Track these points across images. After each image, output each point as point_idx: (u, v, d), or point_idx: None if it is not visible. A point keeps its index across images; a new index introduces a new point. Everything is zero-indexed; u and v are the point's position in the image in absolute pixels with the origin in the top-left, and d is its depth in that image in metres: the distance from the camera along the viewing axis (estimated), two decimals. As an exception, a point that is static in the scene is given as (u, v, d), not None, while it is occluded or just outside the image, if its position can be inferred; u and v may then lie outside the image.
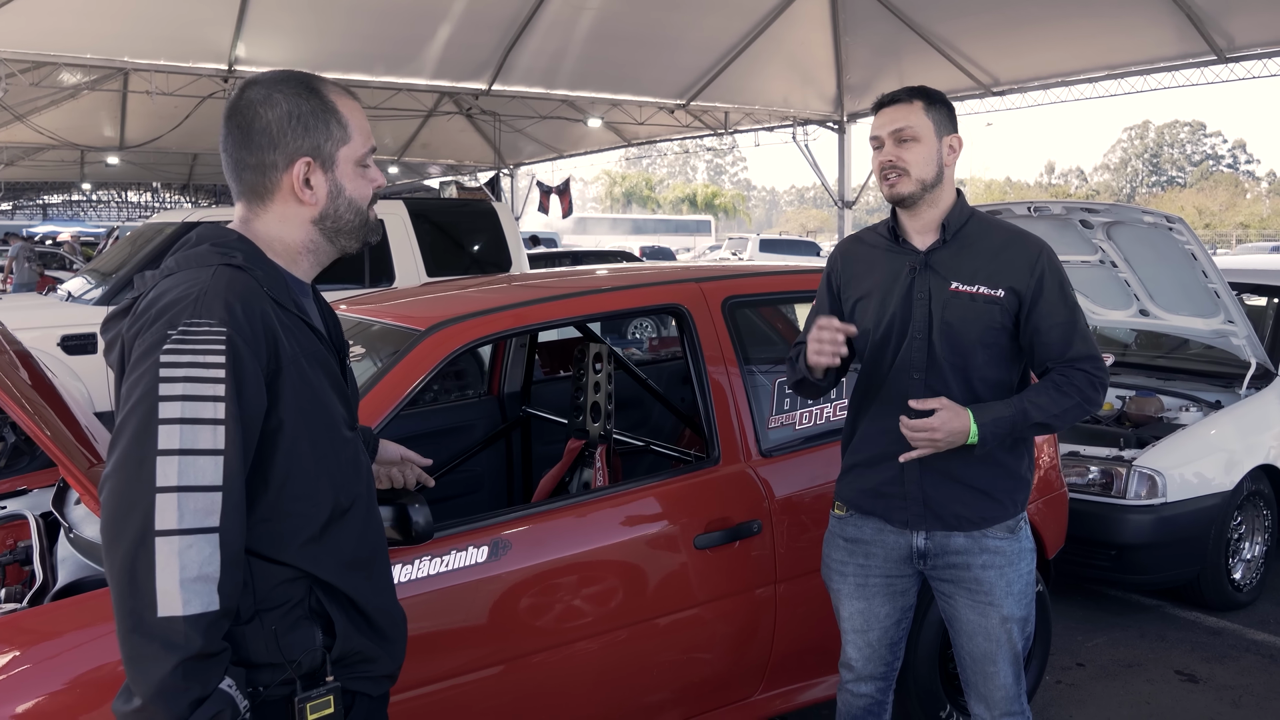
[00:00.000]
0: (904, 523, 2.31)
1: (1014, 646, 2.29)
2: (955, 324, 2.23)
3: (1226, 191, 60.70)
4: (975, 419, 2.14)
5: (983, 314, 2.22)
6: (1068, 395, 2.18)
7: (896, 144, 2.23)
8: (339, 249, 1.58)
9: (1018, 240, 2.28)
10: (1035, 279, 2.22)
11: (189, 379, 1.31)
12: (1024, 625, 2.31)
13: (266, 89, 1.49)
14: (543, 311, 2.74)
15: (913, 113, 2.23)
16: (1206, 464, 4.23)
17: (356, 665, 1.51)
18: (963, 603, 2.30)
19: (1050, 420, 2.19)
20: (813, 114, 15.01)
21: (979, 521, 2.26)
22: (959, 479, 2.25)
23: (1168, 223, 4.27)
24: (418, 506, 1.94)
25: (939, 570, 2.32)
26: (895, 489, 2.30)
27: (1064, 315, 2.23)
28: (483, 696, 2.33)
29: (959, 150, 2.29)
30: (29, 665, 1.89)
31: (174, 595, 1.27)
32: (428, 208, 8.87)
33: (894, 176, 2.24)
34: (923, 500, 2.27)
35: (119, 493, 1.30)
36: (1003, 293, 2.22)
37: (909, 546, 2.32)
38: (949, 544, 2.28)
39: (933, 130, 2.23)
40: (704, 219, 51.21)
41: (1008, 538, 2.28)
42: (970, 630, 2.31)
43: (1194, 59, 10.93)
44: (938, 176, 2.25)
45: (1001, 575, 2.27)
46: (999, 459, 2.26)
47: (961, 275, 2.24)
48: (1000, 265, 2.24)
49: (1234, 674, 3.76)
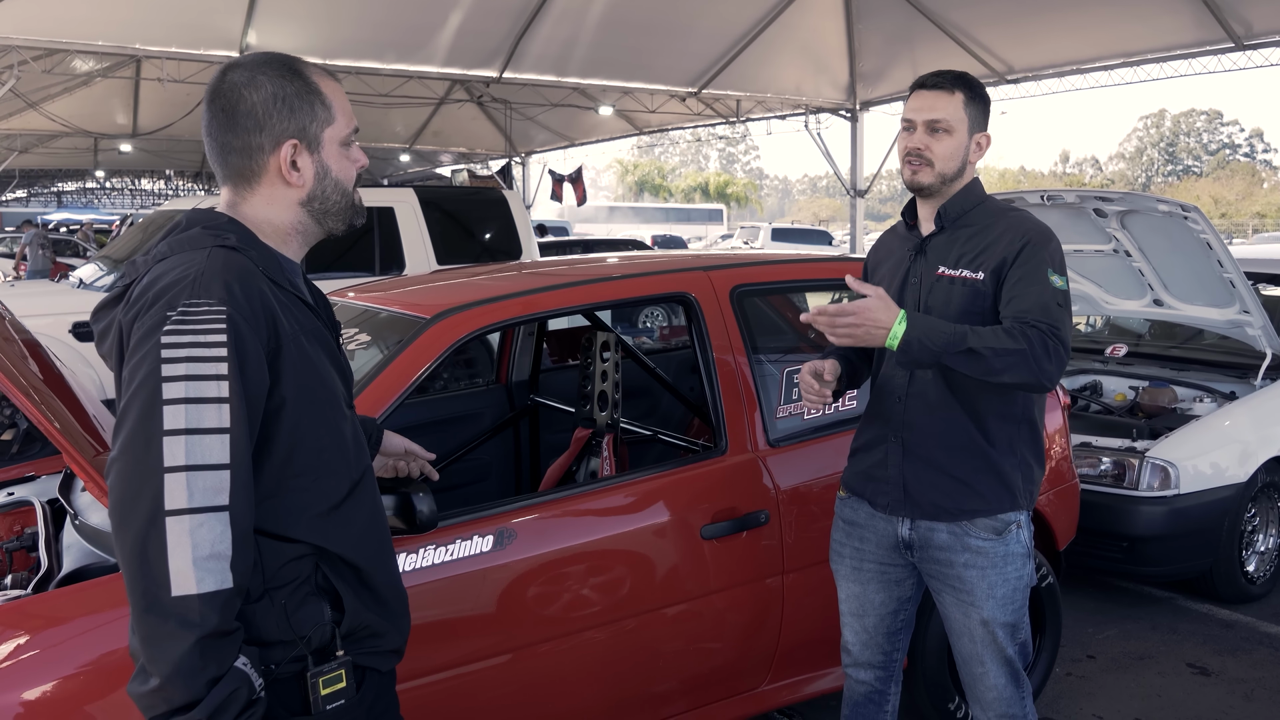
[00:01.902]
0: (886, 507, 2.29)
1: (1001, 650, 2.24)
2: (935, 309, 2.19)
3: (1243, 181, 60.22)
4: (906, 320, 1.96)
5: (960, 297, 2.17)
6: (1015, 340, 1.99)
7: (929, 132, 2.19)
8: (326, 230, 1.58)
9: (1012, 225, 2.19)
10: (1012, 257, 2.13)
11: (191, 359, 1.31)
12: (1012, 631, 2.24)
13: (250, 71, 1.49)
14: (550, 299, 2.72)
15: (952, 104, 2.18)
16: (1220, 455, 4.19)
17: (365, 640, 1.51)
18: (949, 600, 2.28)
19: (986, 353, 1.97)
20: (825, 102, 14.94)
21: (956, 513, 2.21)
22: (938, 466, 2.22)
23: (1183, 211, 4.22)
24: (422, 495, 1.94)
25: (926, 565, 2.30)
26: (881, 472, 2.30)
27: (1036, 289, 2.08)
28: (489, 685, 2.32)
29: (985, 149, 2.24)
30: (36, 651, 1.89)
31: (188, 574, 1.27)
32: (438, 196, 8.86)
33: (917, 163, 2.20)
34: (902, 485, 2.26)
35: (127, 475, 1.30)
36: (983, 275, 2.16)
37: (895, 535, 2.30)
38: (932, 538, 2.25)
39: (966, 125, 2.19)
40: (716, 208, 51.07)
41: (992, 539, 2.21)
42: (956, 629, 2.29)
43: (1211, 46, 10.81)
44: (959, 171, 2.21)
45: (983, 577, 2.21)
46: (982, 449, 2.20)
47: (949, 260, 2.21)
48: (985, 248, 2.18)
49: (1246, 667, 3.74)
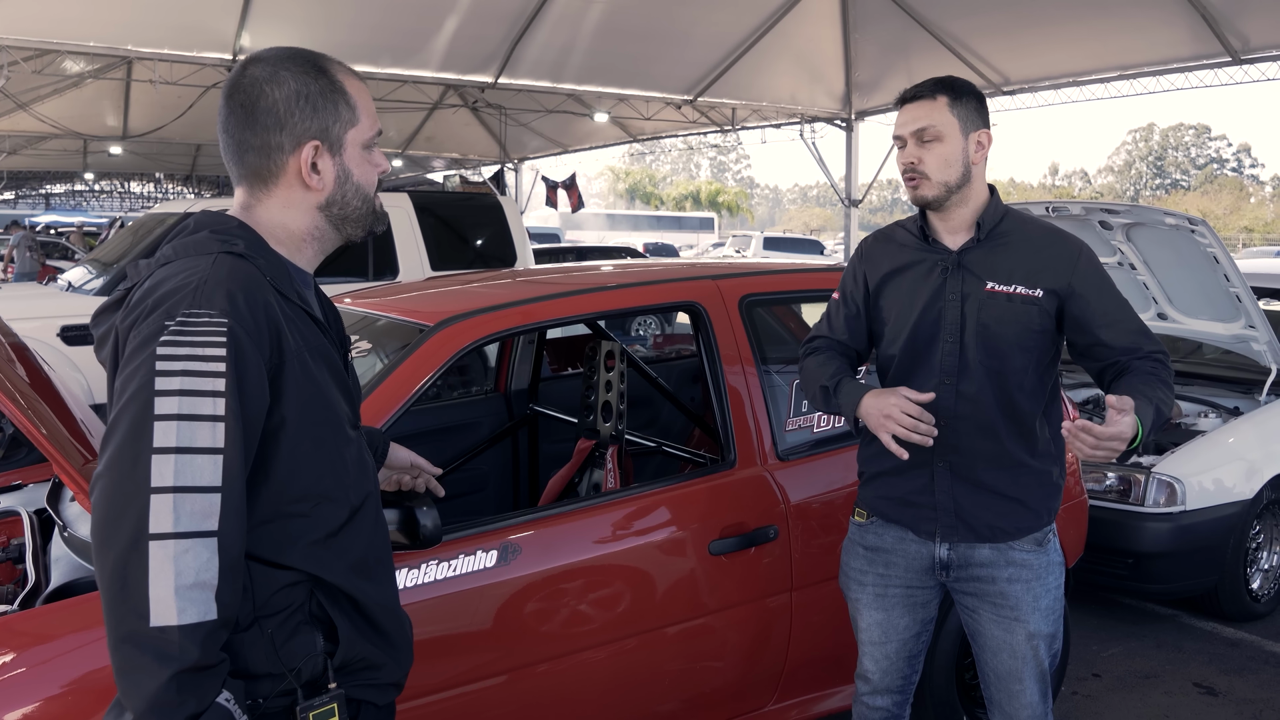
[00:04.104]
0: (930, 533, 2.21)
1: (1040, 664, 2.20)
2: (992, 325, 2.13)
3: (1231, 195, 60.63)
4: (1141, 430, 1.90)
5: (1020, 315, 2.12)
6: (1169, 387, 2.04)
7: (919, 144, 2.13)
8: (344, 237, 1.49)
9: (1057, 239, 2.18)
10: (1077, 279, 2.13)
11: (187, 373, 1.23)
12: (1051, 642, 2.21)
13: (272, 66, 1.40)
14: (555, 308, 2.66)
15: (936, 110, 2.13)
16: (1226, 472, 4.14)
17: (361, 672, 1.43)
18: (987, 617, 2.21)
19: (1167, 410, 2.01)
20: (820, 111, 14.91)
21: (1014, 532, 2.17)
22: (991, 488, 2.16)
23: (1190, 225, 4.19)
24: (425, 509, 1.87)
25: (962, 583, 2.23)
26: (925, 498, 2.20)
27: (1120, 313, 2.14)
28: (490, 705, 2.25)
29: (988, 146, 2.18)
30: (21, 669, 1.82)
31: (168, 603, 1.18)
32: (433, 201, 8.79)
33: (916, 178, 2.14)
34: (954, 510, 2.18)
35: (111, 493, 1.22)
36: (1041, 293, 2.12)
37: (931, 557, 2.23)
38: (973, 556, 2.19)
39: (958, 128, 2.12)
40: (707, 216, 51.09)
41: (1035, 551, 2.19)
42: (995, 646, 2.22)
43: (1208, 60, 10.82)
44: (964, 176, 2.14)
45: (1028, 589, 2.17)
46: (1031, 465, 2.16)
47: (998, 275, 2.14)
48: (1038, 265, 2.14)
49: (1253, 687, 3.68)
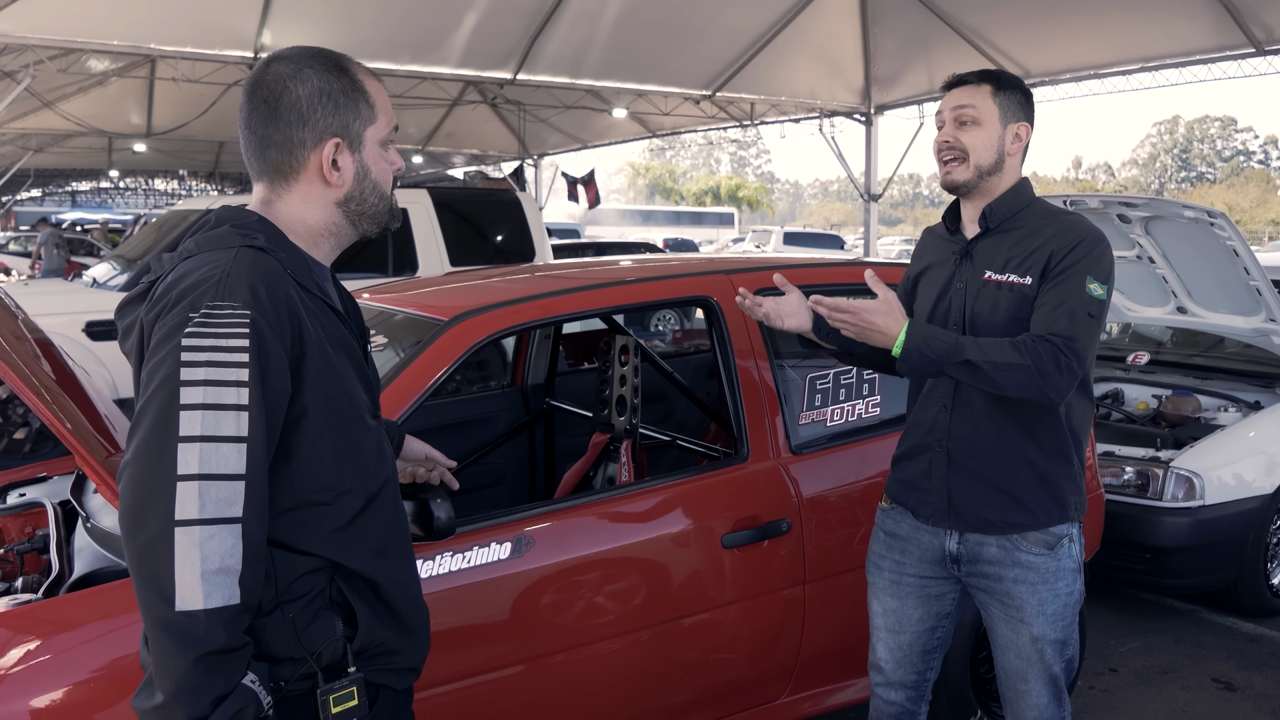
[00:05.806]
0: (929, 518, 2.24)
1: (1048, 667, 2.19)
2: (982, 314, 2.14)
3: (1257, 188, 59.84)
4: (908, 330, 1.97)
5: (1008, 303, 2.11)
6: (1020, 355, 1.96)
7: (956, 125, 2.15)
8: (360, 232, 1.54)
9: (1065, 228, 2.12)
10: (1058, 262, 2.06)
11: (211, 363, 1.27)
12: (1060, 648, 2.19)
13: (295, 64, 1.44)
14: (570, 302, 2.68)
15: (978, 94, 2.14)
16: (1246, 466, 4.12)
17: (379, 657, 1.47)
18: (996, 615, 2.22)
19: (986, 367, 1.95)
20: (839, 105, 14.86)
21: (1004, 526, 2.16)
22: (983, 478, 2.17)
23: (1209, 217, 4.16)
24: (440, 501, 1.89)
25: (974, 579, 2.24)
26: (925, 482, 2.24)
27: (1067, 297, 2.03)
28: (504, 695, 2.28)
29: (1026, 139, 2.17)
30: (46, 657, 1.86)
31: (194, 588, 1.22)
32: (452, 197, 8.83)
33: (949, 159, 2.15)
34: (946, 496, 2.21)
35: (138, 481, 1.26)
36: (1030, 280, 2.09)
37: (942, 549, 2.25)
38: (981, 552, 2.20)
39: (997, 115, 2.13)
40: (727, 211, 50.96)
41: (1044, 554, 2.17)
42: (1003, 645, 2.23)
43: (1231, 52, 10.71)
44: (997, 164, 2.15)
45: (1034, 593, 2.17)
46: (1031, 461, 2.15)
47: (995, 264, 2.15)
48: (1032, 251, 2.12)
49: (1273, 683, 3.66)
